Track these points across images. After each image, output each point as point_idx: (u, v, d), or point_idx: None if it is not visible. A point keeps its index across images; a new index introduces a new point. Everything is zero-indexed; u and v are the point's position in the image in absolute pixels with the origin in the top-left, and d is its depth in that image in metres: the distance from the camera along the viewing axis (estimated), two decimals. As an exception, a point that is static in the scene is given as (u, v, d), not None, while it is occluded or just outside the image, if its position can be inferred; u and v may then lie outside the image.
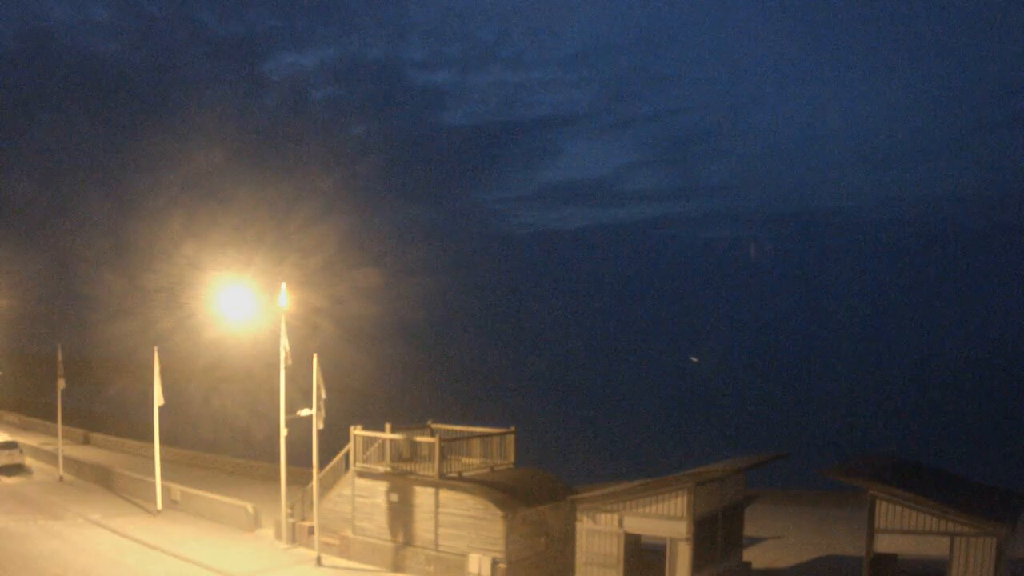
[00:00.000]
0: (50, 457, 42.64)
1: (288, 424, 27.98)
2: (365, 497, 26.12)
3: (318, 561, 25.87)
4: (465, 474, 24.92)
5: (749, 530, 25.21)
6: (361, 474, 26.22)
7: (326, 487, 27.22)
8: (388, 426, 26.24)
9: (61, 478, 39.86)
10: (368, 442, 26.37)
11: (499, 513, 22.75)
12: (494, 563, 22.79)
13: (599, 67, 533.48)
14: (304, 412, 26.64)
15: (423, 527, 24.63)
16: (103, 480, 38.62)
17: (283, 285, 27.93)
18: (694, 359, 50.63)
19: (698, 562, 20.55)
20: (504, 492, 23.52)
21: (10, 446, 42.06)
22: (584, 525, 21.67)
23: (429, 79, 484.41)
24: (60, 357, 38.84)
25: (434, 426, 27.57)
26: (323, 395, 25.99)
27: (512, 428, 26.65)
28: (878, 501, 18.88)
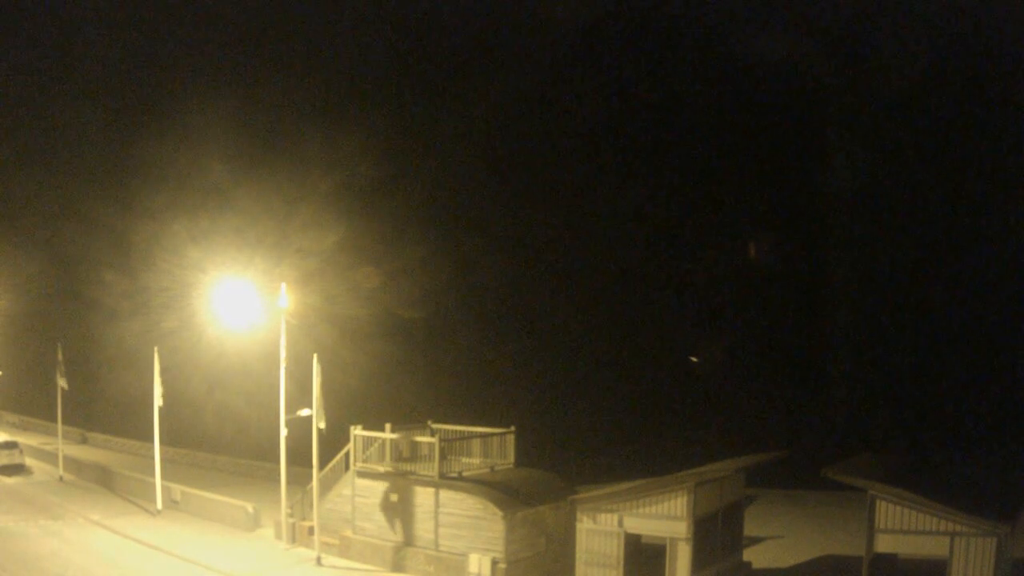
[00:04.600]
0: (50, 457, 42.64)
1: (288, 424, 27.97)
2: (365, 497, 26.12)
3: (318, 561, 25.87)
4: (465, 474, 24.92)
5: (749, 530, 25.22)
6: (361, 474, 26.22)
7: (326, 487, 27.21)
8: (388, 426, 26.24)
9: (61, 478, 39.87)
10: (368, 442, 26.37)
11: (499, 513, 22.74)
12: (494, 563, 22.79)
13: None
14: (304, 412, 26.64)
15: (423, 527, 24.63)
16: (103, 480, 38.62)
17: (283, 285, 27.93)
18: (694, 359, 50.47)
19: (698, 562, 20.55)
20: (504, 492, 23.52)
21: (10, 446, 42.06)
22: (584, 525, 21.67)
23: None
24: (60, 357, 38.84)
25: (434, 426, 27.58)
26: (320, 397, 25.96)
27: (512, 428, 26.66)
28: (878, 501, 18.89)
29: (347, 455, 26.89)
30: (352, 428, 26.55)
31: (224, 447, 44.72)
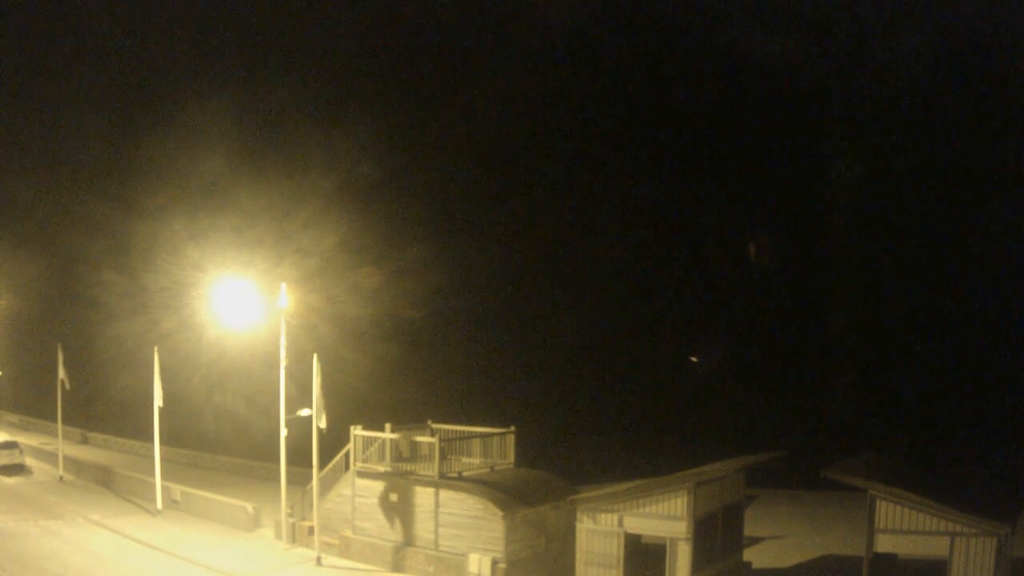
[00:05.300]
0: (50, 457, 42.63)
1: (288, 424, 27.96)
2: (365, 497, 26.12)
3: (318, 561, 25.87)
4: (465, 474, 24.91)
5: (749, 530, 25.21)
6: (361, 474, 26.21)
7: (326, 487, 27.21)
8: (388, 426, 26.23)
9: (61, 478, 39.86)
10: (368, 442, 26.36)
11: (499, 513, 22.74)
12: (494, 563, 22.79)
13: None
14: (304, 412, 26.64)
15: (423, 527, 24.63)
16: (103, 480, 38.62)
17: (283, 285, 27.92)
18: (694, 359, 50.42)
19: (698, 562, 20.55)
20: (504, 492, 23.52)
21: (10, 446, 42.06)
22: (584, 525, 21.66)
23: None
24: (61, 357, 38.83)
25: (434, 426, 27.57)
26: (320, 397, 25.95)
27: (512, 428, 26.65)
28: (878, 501, 18.88)
29: (347, 455, 26.89)
30: (352, 428, 26.54)
31: (224, 447, 44.73)
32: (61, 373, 38.70)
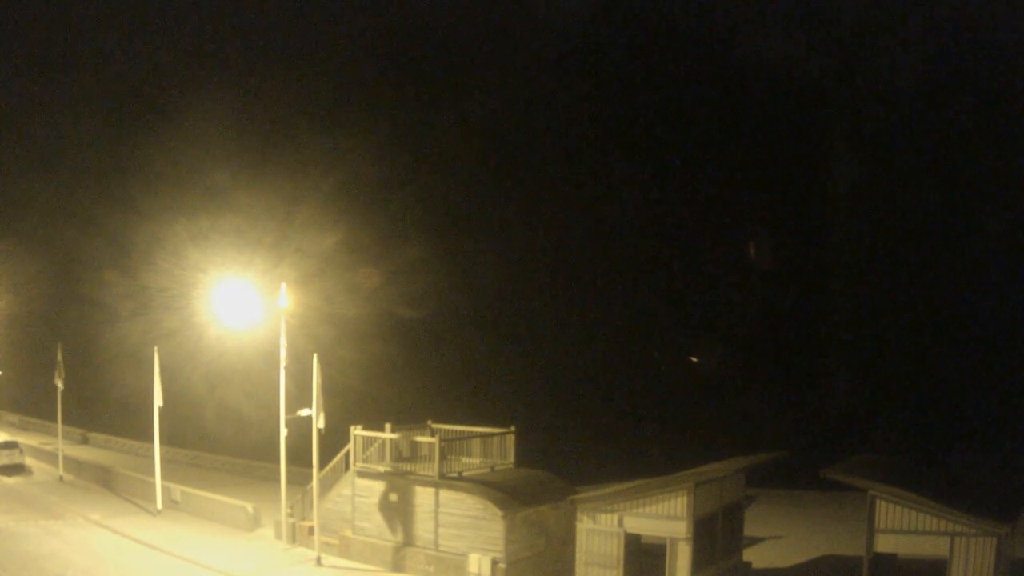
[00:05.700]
0: (50, 457, 42.63)
1: (288, 424, 27.96)
2: (365, 497, 26.12)
3: (318, 561, 25.88)
4: (465, 474, 24.92)
5: (749, 530, 25.22)
6: (361, 474, 26.22)
7: (326, 487, 27.21)
8: (388, 426, 26.24)
9: (61, 478, 39.86)
10: (368, 442, 26.37)
11: (499, 513, 22.74)
12: (494, 563, 22.79)
13: None
14: (304, 412, 26.64)
15: (423, 527, 24.63)
16: (103, 480, 38.61)
17: (283, 285, 27.92)
18: (694, 359, 50.50)
19: (698, 562, 20.55)
20: (504, 492, 23.52)
21: (10, 446, 42.05)
22: (584, 525, 21.67)
23: None
24: (60, 357, 38.83)
25: (434, 426, 27.57)
26: (320, 397, 25.95)
27: (512, 428, 26.65)
28: (878, 501, 18.90)
29: (347, 455, 26.89)
30: (352, 428, 26.55)
31: (224, 447, 44.72)
32: (56, 374, 38.71)
